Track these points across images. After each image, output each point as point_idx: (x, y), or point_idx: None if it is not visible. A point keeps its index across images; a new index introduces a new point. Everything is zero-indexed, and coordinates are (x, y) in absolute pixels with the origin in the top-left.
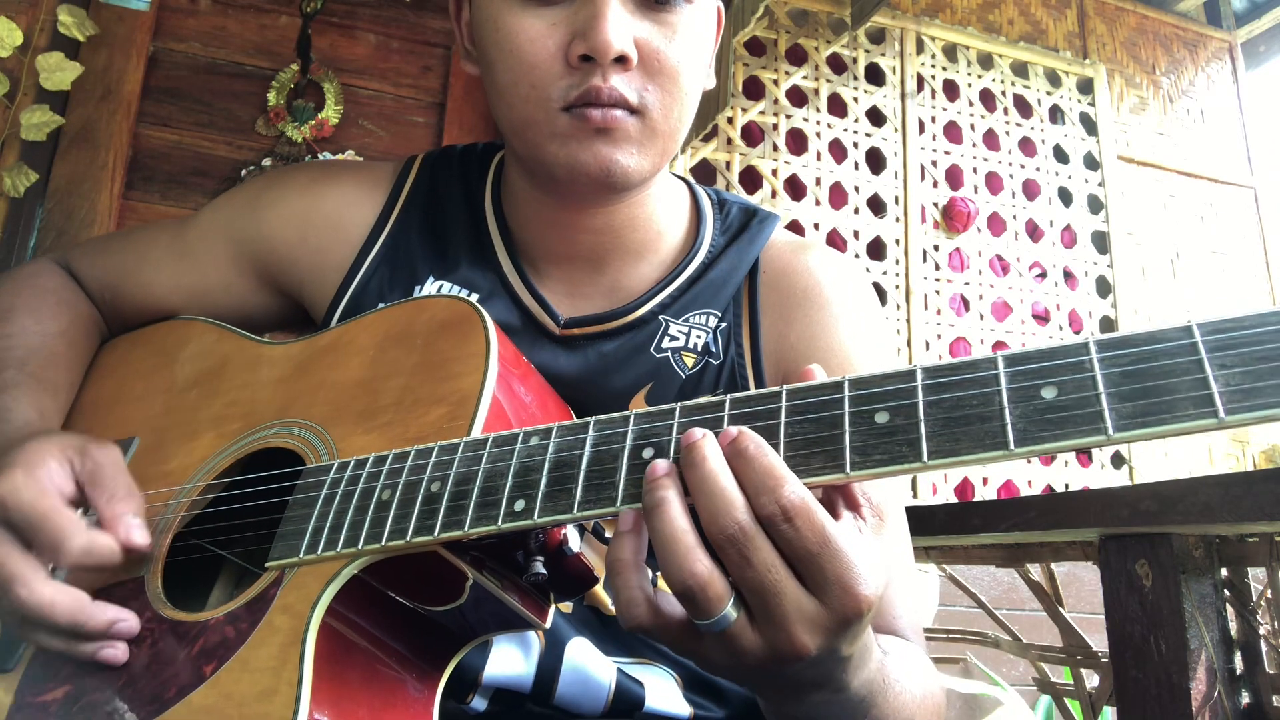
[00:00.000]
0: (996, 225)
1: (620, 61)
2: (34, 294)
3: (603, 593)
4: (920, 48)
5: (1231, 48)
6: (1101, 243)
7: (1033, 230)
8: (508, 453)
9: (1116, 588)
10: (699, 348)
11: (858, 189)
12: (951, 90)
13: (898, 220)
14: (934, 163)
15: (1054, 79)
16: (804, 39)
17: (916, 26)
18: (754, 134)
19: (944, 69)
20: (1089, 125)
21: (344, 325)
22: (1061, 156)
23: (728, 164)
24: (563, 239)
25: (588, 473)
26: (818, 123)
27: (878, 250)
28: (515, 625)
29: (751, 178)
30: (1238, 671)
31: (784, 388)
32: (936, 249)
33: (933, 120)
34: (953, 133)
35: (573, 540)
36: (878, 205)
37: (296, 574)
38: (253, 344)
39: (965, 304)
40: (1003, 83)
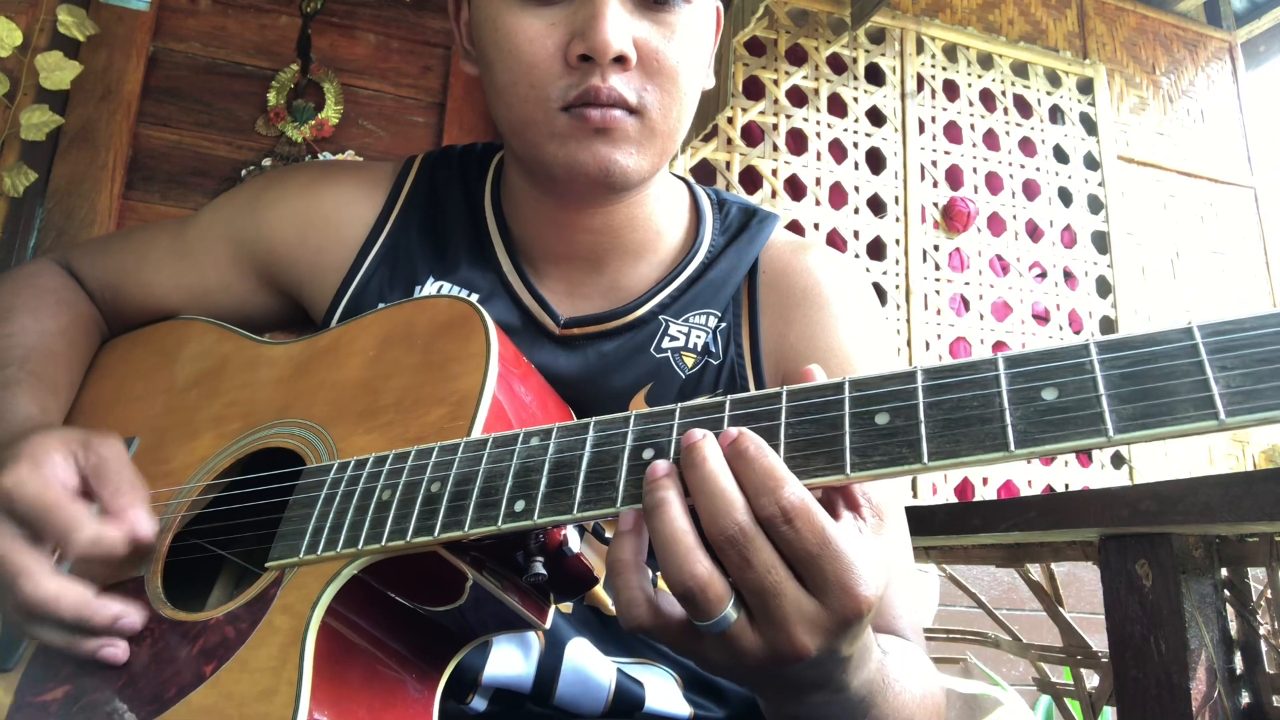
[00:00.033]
0: (996, 225)
1: (619, 61)
2: (34, 294)
3: (603, 593)
4: (920, 48)
5: (1231, 48)
6: (1101, 243)
7: (1033, 230)
8: (508, 453)
9: (1116, 588)
10: (699, 348)
11: (858, 189)
12: (951, 90)
13: (898, 220)
14: (934, 163)
15: (1054, 79)
16: (804, 39)
17: (916, 26)
18: (754, 134)
19: (944, 69)
20: (1089, 125)
21: (344, 325)
22: (1061, 156)
23: (728, 164)
24: (562, 239)
25: (588, 473)
26: (818, 123)
27: (878, 250)
28: (515, 626)
29: (751, 178)
30: (1238, 671)
31: (784, 389)
32: (936, 249)
33: (933, 120)
34: (953, 133)
35: (573, 541)
36: (878, 205)
37: (296, 574)
38: (253, 344)
39: (965, 304)
40: (1003, 83)
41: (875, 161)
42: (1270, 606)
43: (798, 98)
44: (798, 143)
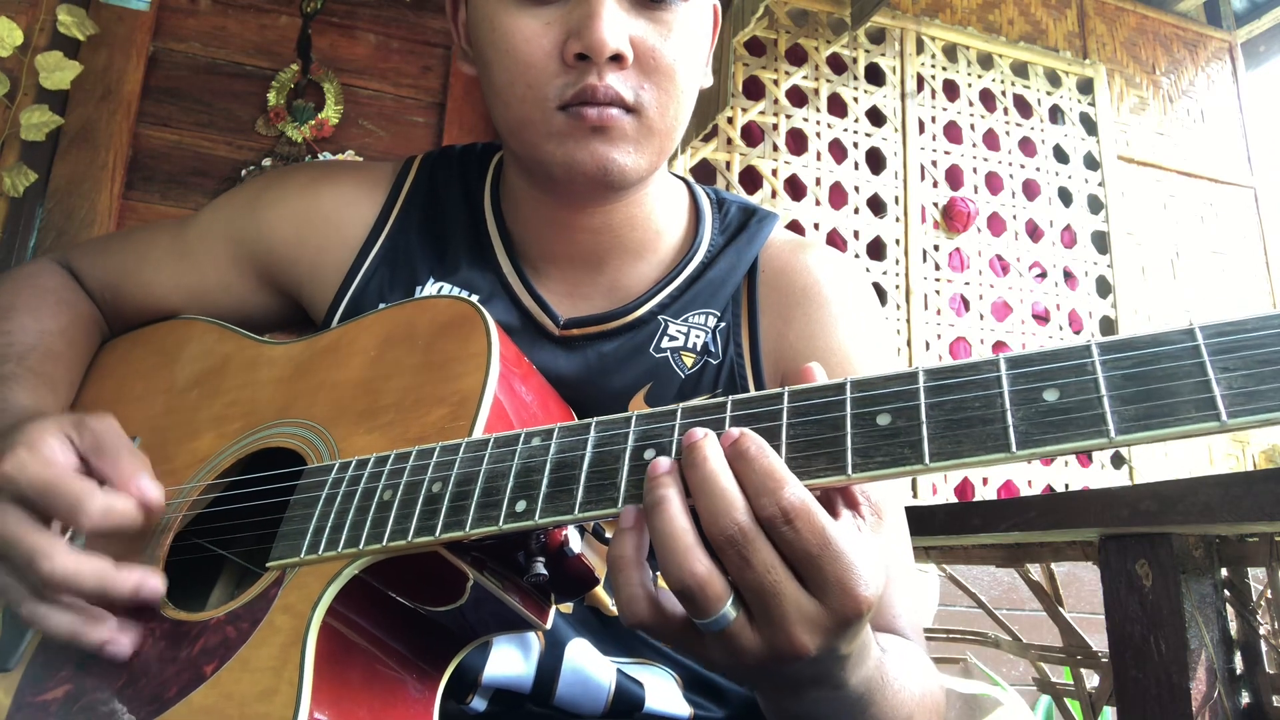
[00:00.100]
0: (996, 225)
1: (616, 60)
2: (34, 293)
3: (603, 593)
4: (920, 48)
5: (1231, 48)
6: (1101, 243)
7: (1033, 230)
8: (509, 453)
9: (1116, 588)
10: (698, 347)
11: (858, 189)
12: (951, 90)
13: (898, 220)
14: (934, 163)
15: (1054, 79)
16: (804, 39)
17: (916, 26)
18: (754, 134)
19: (944, 69)
20: (1089, 125)
21: (345, 325)
22: (1061, 156)
23: (728, 164)
24: (561, 239)
25: (589, 474)
26: (818, 123)
27: (878, 250)
28: (516, 626)
29: (751, 178)
30: (1238, 671)
31: (785, 389)
32: (936, 249)
33: (933, 120)
34: (953, 133)
35: (574, 541)
36: (878, 205)
37: (297, 574)
38: (253, 344)
39: (965, 304)
40: (1003, 83)
41: (875, 161)
42: (1270, 606)
43: (798, 98)
44: (798, 143)
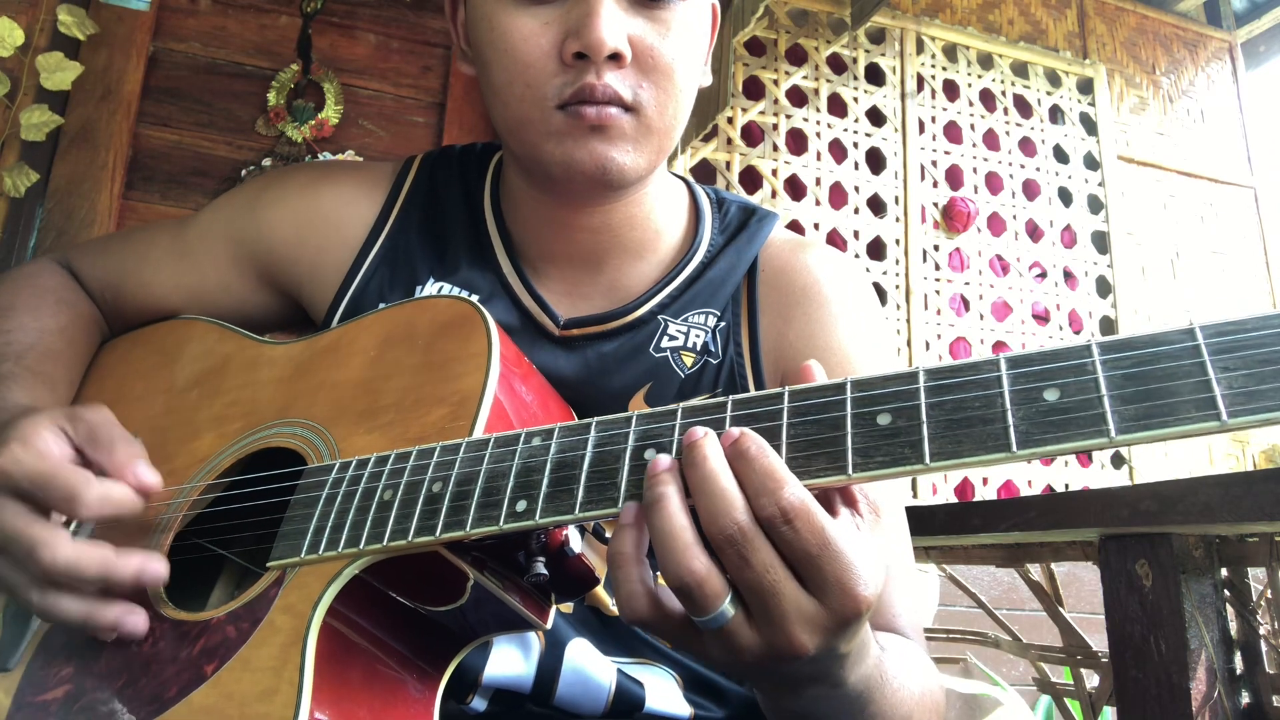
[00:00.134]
0: (996, 225)
1: (614, 59)
2: (34, 293)
3: (603, 593)
4: (920, 48)
5: (1231, 48)
6: (1101, 243)
7: (1033, 230)
8: (509, 453)
9: (1116, 588)
10: (698, 347)
11: (858, 189)
12: (951, 90)
13: (898, 220)
14: (934, 163)
15: (1054, 79)
16: (804, 39)
17: (916, 26)
18: (754, 134)
19: (944, 69)
20: (1089, 125)
21: (345, 325)
22: (1061, 156)
23: (728, 164)
24: (561, 238)
25: (589, 474)
26: (818, 123)
27: (878, 250)
28: (516, 626)
29: (751, 178)
30: (1238, 671)
31: (786, 389)
32: (936, 249)
33: (933, 120)
34: (953, 133)
35: (574, 541)
36: (878, 205)
37: (298, 574)
38: (254, 344)
39: (965, 304)
40: (1003, 83)
41: (875, 161)
42: (1270, 606)
43: (798, 98)
44: (798, 143)
